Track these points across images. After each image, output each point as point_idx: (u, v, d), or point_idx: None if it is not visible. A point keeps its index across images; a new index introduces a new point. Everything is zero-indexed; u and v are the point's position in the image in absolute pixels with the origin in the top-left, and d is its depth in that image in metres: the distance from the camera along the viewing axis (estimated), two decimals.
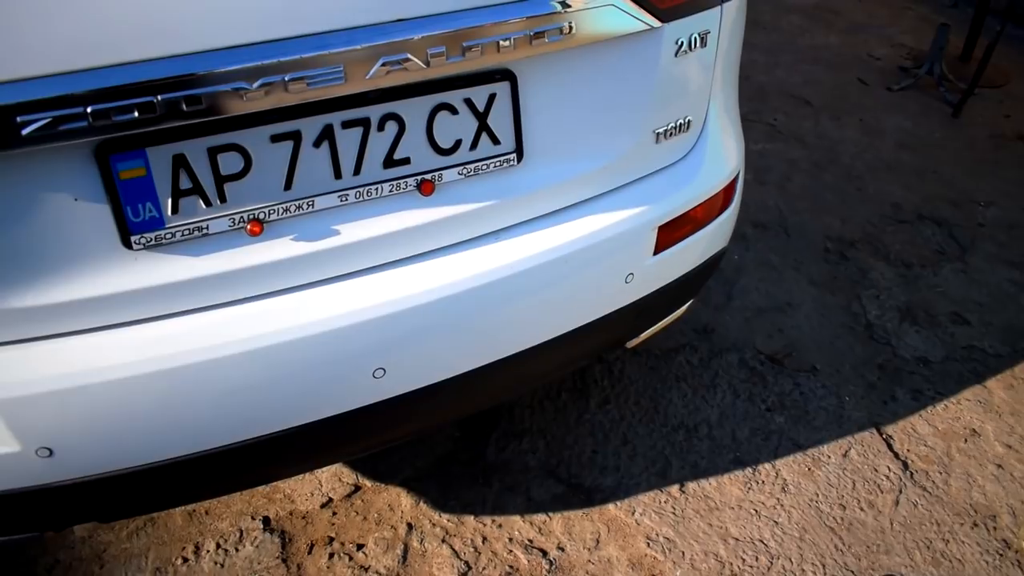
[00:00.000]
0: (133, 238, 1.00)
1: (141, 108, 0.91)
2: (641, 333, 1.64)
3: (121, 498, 1.22)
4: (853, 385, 2.23)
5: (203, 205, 1.02)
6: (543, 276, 1.27)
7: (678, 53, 1.30)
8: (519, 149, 1.22)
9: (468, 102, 1.14)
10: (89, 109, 0.88)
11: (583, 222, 1.30)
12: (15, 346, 1.01)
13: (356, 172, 1.10)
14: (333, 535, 1.78)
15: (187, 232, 1.03)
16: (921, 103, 3.89)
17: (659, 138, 1.36)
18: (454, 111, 1.14)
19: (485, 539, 1.78)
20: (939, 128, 3.69)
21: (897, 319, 2.50)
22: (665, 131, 1.37)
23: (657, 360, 2.28)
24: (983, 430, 2.11)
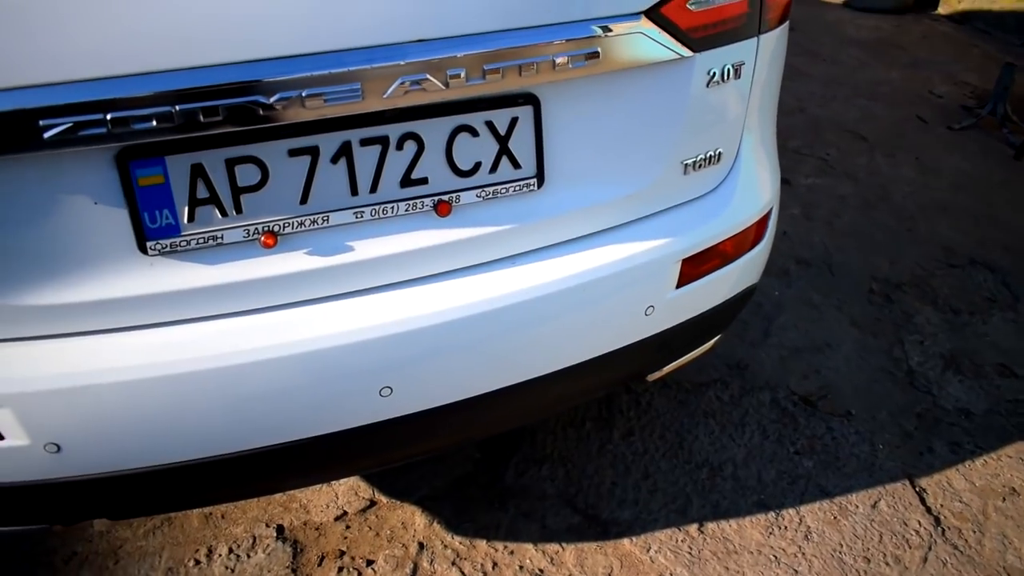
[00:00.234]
0: (149, 244, 1.02)
1: (160, 117, 0.93)
2: (663, 367, 1.60)
3: (129, 497, 1.23)
4: (888, 433, 2.15)
5: (219, 215, 1.04)
6: (557, 304, 1.25)
7: (710, 84, 1.27)
8: (540, 174, 1.20)
9: (489, 125, 1.14)
10: (110, 116, 0.91)
11: (602, 251, 1.28)
12: (29, 342, 1.03)
13: (373, 190, 1.11)
14: (344, 549, 1.78)
15: (202, 241, 1.04)
16: (981, 144, 3.77)
17: (687, 169, 1.33)
18: (475, 133, 1.13)
19: (496, 565, 1.75)
20: (998, 170, 3.57)
21: (940, 367, 2.40)
22: (694, 163, 1.34)
23: (687, 394, 2.24)
24: (1023, 489, 2.01)
